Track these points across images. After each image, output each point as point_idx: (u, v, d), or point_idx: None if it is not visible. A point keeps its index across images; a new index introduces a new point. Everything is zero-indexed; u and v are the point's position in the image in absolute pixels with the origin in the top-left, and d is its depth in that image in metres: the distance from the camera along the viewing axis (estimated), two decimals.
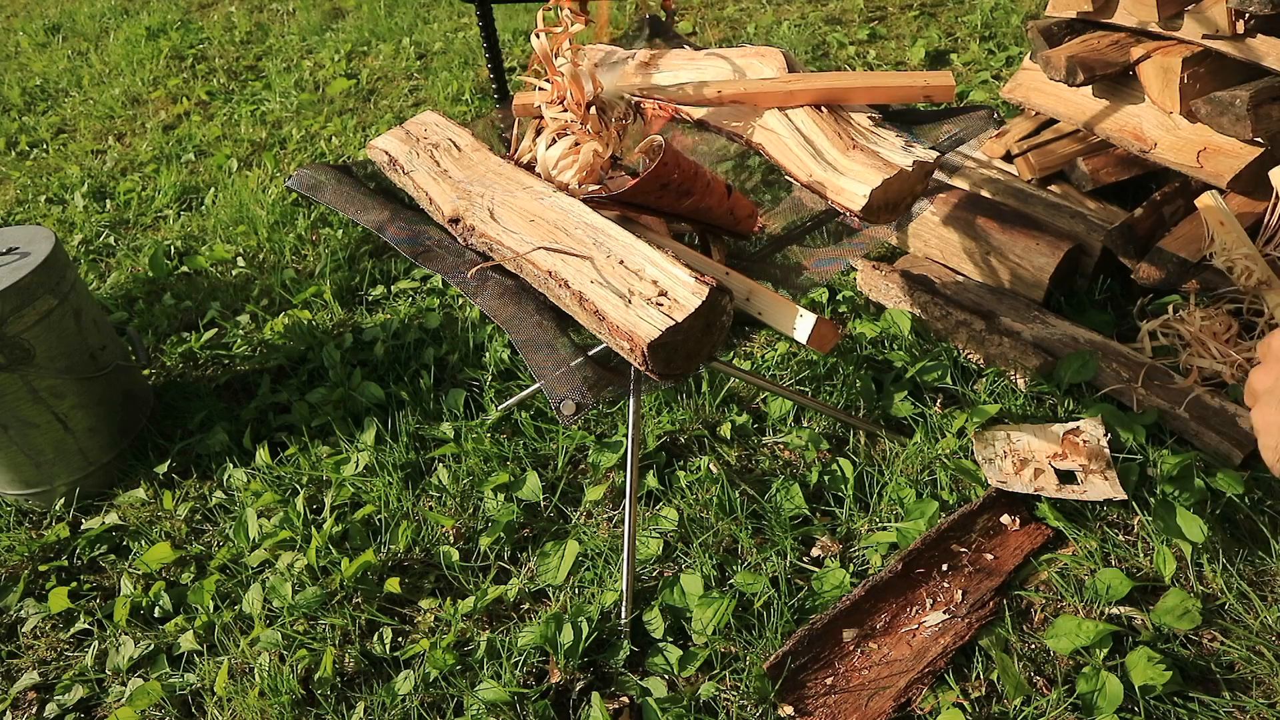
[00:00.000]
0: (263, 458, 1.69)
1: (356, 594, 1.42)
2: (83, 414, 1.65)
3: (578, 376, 0.93)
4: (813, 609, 1.28)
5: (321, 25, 4.16)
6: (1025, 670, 1.17)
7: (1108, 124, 1.75)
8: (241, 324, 2.13)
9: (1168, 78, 1.61)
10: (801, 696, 1.16)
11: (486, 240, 1.06)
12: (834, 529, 1.40)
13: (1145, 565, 1.27)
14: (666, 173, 0.97)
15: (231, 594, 1.46)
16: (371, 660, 1.32)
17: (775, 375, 1.70)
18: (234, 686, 1.30)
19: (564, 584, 1.37)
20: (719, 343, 0.94)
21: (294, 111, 3.29)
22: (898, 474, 1.45)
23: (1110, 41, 1.73)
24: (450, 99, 3.16)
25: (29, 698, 1.37)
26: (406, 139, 1.25)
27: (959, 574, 1.28)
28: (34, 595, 1.53)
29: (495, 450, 1.62)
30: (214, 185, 2.82)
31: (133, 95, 3.69)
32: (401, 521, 1.52)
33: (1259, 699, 1.10)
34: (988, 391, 1.58)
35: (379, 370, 1.90)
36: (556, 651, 1.25)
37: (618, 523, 1.47)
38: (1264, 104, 1.52)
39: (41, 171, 3.14)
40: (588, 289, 0.93)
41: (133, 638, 1.41)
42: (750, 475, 1.51)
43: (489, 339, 1.91)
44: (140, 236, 2.62)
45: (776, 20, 3.34)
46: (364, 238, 2.38)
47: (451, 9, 4.10)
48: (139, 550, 1.57)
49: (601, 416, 1.68)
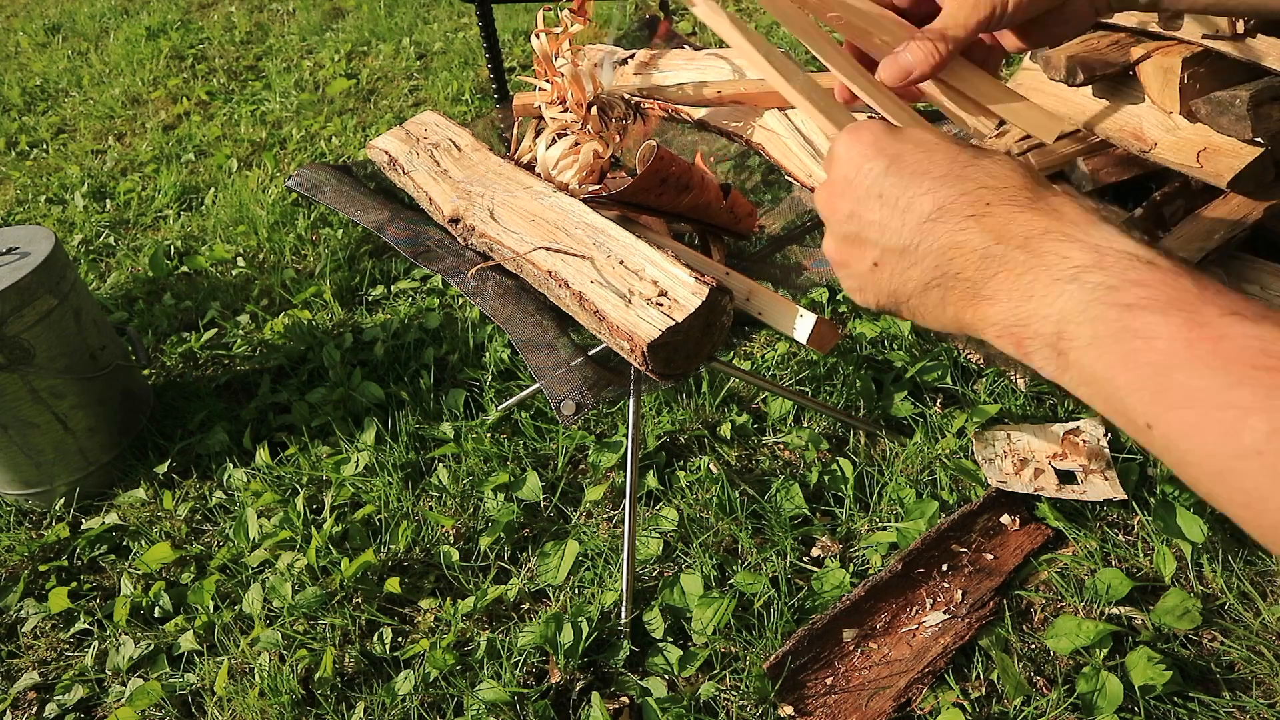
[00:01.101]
0: (263, 458, 1.69)
1: (356, 594, 1.41)
2: (83, 414, 1.65)
3: (578, 376, 0.93)
4: (813, 609, 1.28)
5: (321, 25, 4.16)
6: (1025, 670, 1.17)
7: (1108, 124, 1.75)
8: (241, 324, 2.13)
9: (1168, 78, 1.61)
10: (801, 696, 1.16)
11: (486, 240, 1.06)
12: (834, 529, 1.40)
13: (1145, 565, 1.27)
14: (664, 166, 0.97)
15: (231, 594, 1.46)
16: (371, 660, 1.32)
17: (775, 375, 1.70)
18: (234, 686, 1.30)
19: (564, 584, 1.37)
20: (719, 343, 0.94)
21: (294, 111, 3.29)
22: (898, 474, 1.45)
23: (1110, 41, 1.73)
24: (450, 99, 3.16)
25: (29, 698, 1.37)
26: (406, 139, 1.25)
27: (959, 574, 1.28)
28: (34, 595, 1.53)
29: (495, 450, 1.62)
30: (214, 185, 2.82)
31: (133, 95, 3.69)
32: (401, 521, 1.52)
33: (1259, 699, 1.10)
34: (988, 391, 1.58)
35: (379, 370, 1.90)
36: (556, 651, 1.25)
37: (618, 523, 1.46)
38: (1264, 104, 1.52)
39: (41, 171, 3.14)
40: (588, 289, 0.93)
41: (133, 638, 1.41)
42: (750, 475, 1.51)
43: (489, 339, 1.91)
44: (140, 236, 2.62)
45: (777, 20, 3.34)
46: (364, 238, 2.37)
47: (451, 9, 4.10)
48: (139, 550, 1.57)
49: (601, 416, 1.68)
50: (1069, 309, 0.36)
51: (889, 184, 0.43)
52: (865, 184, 0.45)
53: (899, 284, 0.44)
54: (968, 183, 0.41)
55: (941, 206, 0.41)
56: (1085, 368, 0.36)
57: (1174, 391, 0.32)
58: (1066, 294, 0.36)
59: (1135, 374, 0.34)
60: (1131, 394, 0.34)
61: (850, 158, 0.46)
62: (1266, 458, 0.30)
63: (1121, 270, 0.35)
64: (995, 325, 0.40)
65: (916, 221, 0.42)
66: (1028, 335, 0.38)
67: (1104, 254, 0.36)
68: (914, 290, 0.43)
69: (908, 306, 0.45)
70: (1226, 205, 1.64)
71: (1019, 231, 0.39)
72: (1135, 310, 0.34)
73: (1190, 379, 0.32)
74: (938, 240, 0.41)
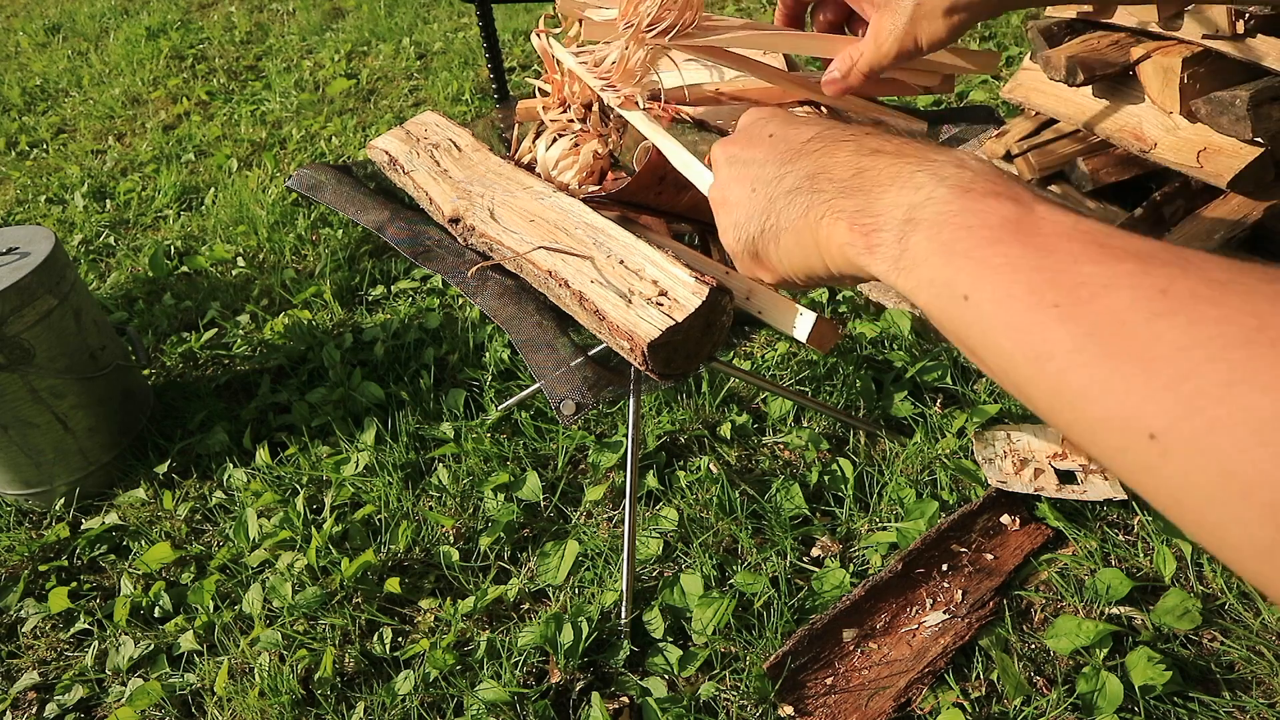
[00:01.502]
0: (263, 458, 1.69)
1: (356, 594, 1.41)
2: (83, 414, 1.65)
3: (578, 376, 0.93)
4: (813, 609, 1.28)
5: (321, 25, 4.16)
6: (1025, 670, 1.17)
7: (1108, 124, 1.75)
8: (241, 324, 2.13)
9: (1168, 78, 1.61)
10: (801, 696, 1.16)
11: (486, 240, 1.06)
12: (834, 529, 1.40)
13: (1145, 565, 1.27)
14: (662, 163, 0.97)
15: (231, 594, 1.46)
16: (371, 660, 1.32)
17: (775, 375, 1.70)
18: (234, 686, 1.30)
19: (564, 584, 1.37)
20: (719, 343, 0.94)
21: (294, 111, 3.29)
22: (898, 474, 1.45)
23: (1110, 41, 1.73)
24: (450, 99, 3.16)
25: (29, 698, 1.37)
26: (406, 139, 1.25)
27: (959, 574, 1.28)
28: (34, 595, 1.53)
29: (495, 450, 1.62)
30: (214, 185, 2.82)
31: (133, 95, 3.69)
32: (401, 521, 1.52)
33: (1259, 699, 1.10)
34: (988, 391, 1.58)
35: (379, 370, 1.90)
36: (556, 651, 1.25)
37: (618, 523, 1.46)
38: (1264, 104, 1.52)
39: (41, 171, 3.14)
40: (588, 289, 0.93)
41: (133, 638, 1.41)
42: (750, 475, 1.51)
43: (489, 339, 1.91)
44: (140, 236, 2.62)
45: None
46: (364, 238, 2.37)
47: (451, 9, 4.10)
48: (139, 550, 1.57)
49: (601, 416, 1.68)
50: (918, 199, 0.39)
51: (777, 125, 0.50)
52: (758, 130, 0.51)
53: (768, 202, 0.47)
54: (851, 129, 0.46)
55: (821, 135, 0.46)
56: (920, 249, 0.38)
57: (998, 263, 0.34)
58: (925, 187, 0.39)
59: (962, 251, 0.36)
60: (959, 271, 0.36)
61: (751, 118, 0.53)
62: (1064, 309, 0.31)
63: (978, 169, 0.39)
64: (849, 216, 0.42)
65: (800, 143, 0.47)
66: (877, 226, 0.40)
67: (965, 162, 0.39)
68: (781, 206, 0.46)
69: (773, 232, 0.48)
70: (1226, 205, 1.64)
71: (889, 148, 0.43)
72: (977, 195, 0.37)
73: (1009, 250, 0.34)
74: (814, 153, 0.46)
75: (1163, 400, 0.27)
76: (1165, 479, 0.27)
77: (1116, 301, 0.29)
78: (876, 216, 0.40)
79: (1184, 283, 0.28)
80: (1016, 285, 0.33)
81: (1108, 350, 0.29)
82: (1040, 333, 0.31)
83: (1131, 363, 0.28)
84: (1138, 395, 0.28)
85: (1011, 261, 0.34)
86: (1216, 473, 0.25)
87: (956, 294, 0.36)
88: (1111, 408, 0.28)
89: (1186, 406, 0.26)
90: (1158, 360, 0.27)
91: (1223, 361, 0.25)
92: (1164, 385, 0.27)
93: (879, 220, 0.40)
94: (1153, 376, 0.27)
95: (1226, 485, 0.25)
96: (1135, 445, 0.28)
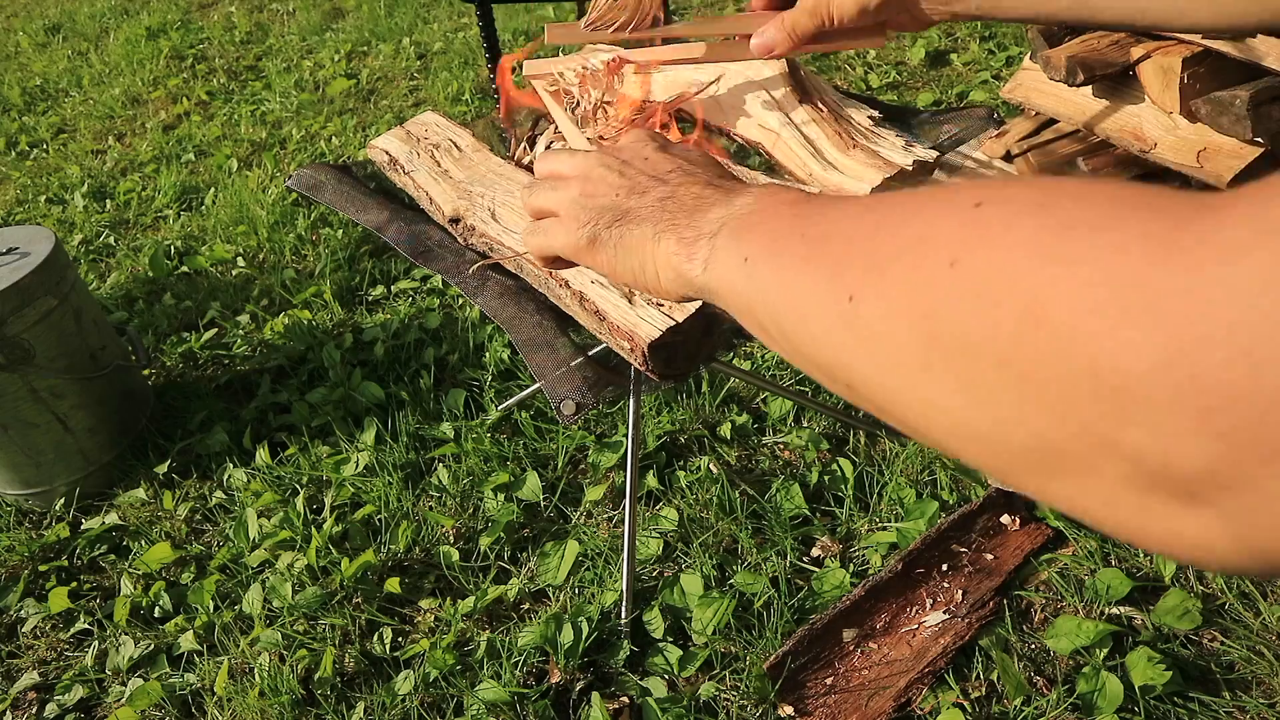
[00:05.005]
0: (263, 458, 1.69)
1: (356, 594, 1.41)
2: (83, 414, 1.65)
3: (578, 376, 0.93)
4: (813, 609, 1.28)
5: (321, 25, 4.16)
6: (1025, 670, 1.17)
7: (1108, 124, 1.75)
8: (241, 324, 2.13)
9: (1168, 78, 1.61)
10: (801, 696, 1.16)
11: (487, 240, 1.06)
12: (834, 529, 1.40)
13: (1145, 565, 1.27)
14: None
15: (231, 594, 1.46)
16: (371, 660, 1.32)
17: (775, 375, 1.70)
18: (234, 686, 1.30)
19: (564, 584, 1.37)
20: (719, 343, 0.94)
21: (294, 111, 3.29)
22: (898, 474, 1.45)
23: (1110, 41, 1.73)
24: (450, 99, 3.16)
25: (29, 698, 1.37)
26: (407, 139, 1.25)
27: (959, 574, 1.28)
28: (34, 595, 1.53)
29: (495, 450, 1.62)
30: (214, 185, 2.82)
31: (133, 95, 3.69)
32: (401, 521, 1.52)
33: (1259, 699, 1.10)
34: None
35: (379, 370, 1.90)
36: (556, 651, 1.25)
37: (618, 523, 1.46)
38: (1264, 104, 1.52)
39: (41, 171, 3.14)
40: (588, 289, 0.93)
41: (133, 638, 1.41)
42: (750, 475, 1.51)
43: (489, 339, 1.91)
44: (140, 236, 2.62)
45: None
46: (364, 238, 2.38)
47: (451, 9, 4.10)
48: (139, 550, 1.57)
49: (601, 416, 1.68)
50: (729, 212, 0.47)
51: (652, 150, 0.58)
52: (639, 148, 0.59)
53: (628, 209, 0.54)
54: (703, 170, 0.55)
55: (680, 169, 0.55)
56: (721, 242, 0.46)
57: (771, 225, 0.43)
58: (737, 203, 0.47)
59: (747, 227, 0.44)
60: (743, 242, 0.44)
61: (636, 137, 0.61)
62: (810, 239, 0.38)
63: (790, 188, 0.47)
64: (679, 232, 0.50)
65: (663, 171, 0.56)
66: (696, 237, 0.48)
67: (785, 186, 0.50)
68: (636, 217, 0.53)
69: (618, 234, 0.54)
70: None
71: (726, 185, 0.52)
72: (776, 197, 0.45)
73: (781, 214, 0.43)
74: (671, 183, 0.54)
75: (861, 272, 0.34)
76: (859, 330, 0.33)
77: (846, 225, 0.37)
78: (698, 229, 0.48)
79: (890, 205, 0.36)
80: (780, 223, 0.41)
81: (828, 256, 0.36)
82: (791, 260, 0.39)
83: (841, 262, 0.35)
84: (845, 275, 0.35)
85: (783, 221, 0.42)
86: (895, 316, 0.32)
87: (739, 260, 0.43)
88: (821, 283, 0.36)
89: (878, 274, 0.33)
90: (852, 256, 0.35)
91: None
92: (863, 268, 0.34)
93: (698, 232, 0.48)
94: (853, 263, 0.35)
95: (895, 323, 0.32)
96: (834, 309, 0.34)
